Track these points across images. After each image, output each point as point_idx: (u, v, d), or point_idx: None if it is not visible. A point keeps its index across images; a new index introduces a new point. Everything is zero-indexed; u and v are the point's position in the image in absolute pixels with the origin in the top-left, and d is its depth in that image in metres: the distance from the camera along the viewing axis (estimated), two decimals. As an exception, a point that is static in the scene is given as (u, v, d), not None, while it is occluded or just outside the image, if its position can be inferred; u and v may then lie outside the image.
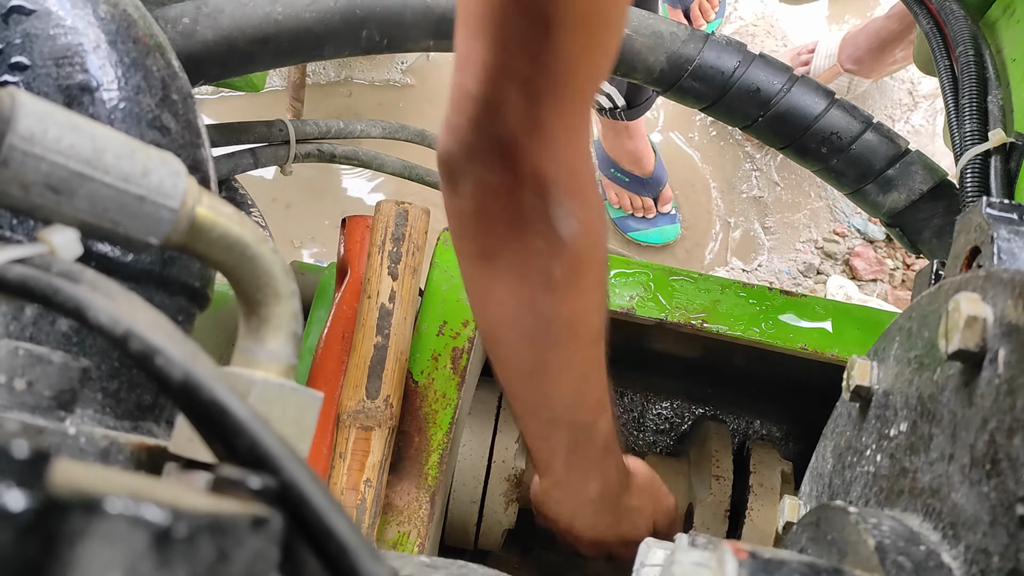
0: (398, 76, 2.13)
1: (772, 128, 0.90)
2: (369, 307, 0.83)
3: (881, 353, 0.47)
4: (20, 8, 0.48)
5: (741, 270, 1.92)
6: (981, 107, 0.76)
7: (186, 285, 0.53)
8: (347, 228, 0.95)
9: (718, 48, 0.88)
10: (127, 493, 0.18)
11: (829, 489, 0.50)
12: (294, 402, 0.34)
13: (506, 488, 0.96)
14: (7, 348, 0.32)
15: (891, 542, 0.34)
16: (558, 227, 0.64)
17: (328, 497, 0.23)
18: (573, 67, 0.59)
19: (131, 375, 0.49)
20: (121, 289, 0.29)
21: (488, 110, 0.61)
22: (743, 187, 1.99)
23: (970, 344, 0.34)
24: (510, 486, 0.96)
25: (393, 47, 0.88)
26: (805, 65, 1.92)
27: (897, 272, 1.86)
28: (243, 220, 0.33)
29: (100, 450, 0.33)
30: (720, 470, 0.98)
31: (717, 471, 0.98)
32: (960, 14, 0.81)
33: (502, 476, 0.96)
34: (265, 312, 0.34)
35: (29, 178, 0.28)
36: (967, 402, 0.35)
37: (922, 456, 0.38)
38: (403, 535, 0.82)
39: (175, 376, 0.25)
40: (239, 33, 0.82)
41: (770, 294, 0.89)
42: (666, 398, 1.18)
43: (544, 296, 0.67)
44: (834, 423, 0.53)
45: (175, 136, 0.52)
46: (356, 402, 0.80)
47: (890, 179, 0.88)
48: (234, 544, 0.20)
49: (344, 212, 1.04)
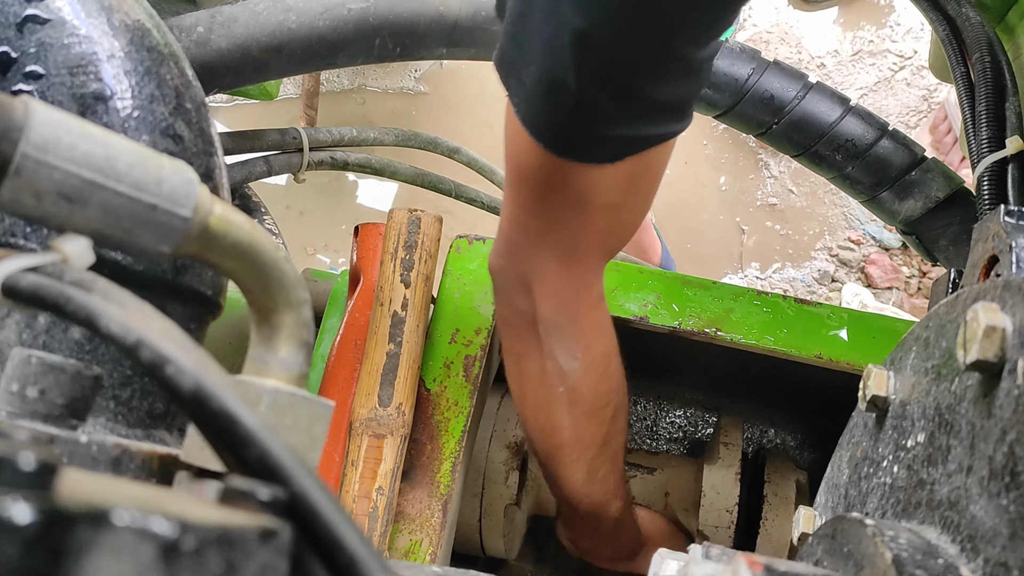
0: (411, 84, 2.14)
1: (786, 135, 0.89)
2: (382, 314, 0.83)
3: (898, 363, 0.46)
4: (35, 17, 0.49)
5: (756, 277, 1.91)
6: (998, 114, 0.75)
7: (198, 293, 0.53)
8: (360, 235, 0.95)
9: (732, 55, 0.88)
10: (135, 505, 0.18)
11: (845, 500, 0.50)
12: (305, 411, 0.34)
13: (506, 456, 0.96)
14: (20, 356, 0.32)
15: (908, 555, 0.34)
16: (560, 362, 0.72)
17: (338, 508, 0.23)
18: (585, 241, 0.67)
19: (143, 383, 0.49)
20: (133, 298, 0.29)
21: (514, 253, 0.70)
22: (758, 194, 1.98)
23: (989, 354, 0.34)
24: (510, 454, 0.96)
25: (406, 55, 0.88)
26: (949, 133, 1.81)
27: (913, 280, 1.85)
28: (255, 228, 0.33)
29: (112, 459, 0.33)
30: (729, 438, 0.98)
31: (725, 439, 0.98)
32: (976, 21, 0.81)
33: (502, 444, 0.97)
34: (277, 320, 0.34)
35: (42, 187, 0.28)
36: (986, 413, 0.35)
37: (940, 468, 0.38)
38: (415, 543, 0.81)
39: (185, 385, 0.25)
40: (253, 42, 0.83)
41: (784, 302, 0.88)
42: (680, 406, 1.17)
43: (554, 405, 0.75)
44: (850, 433, 0.52)
45: (188, 144, 0.52)
46: (368, 410, 0.80)
47: (906, 186, 0.87)
48: (243, 557, 0.20)
49: (357, 219, 1.04)
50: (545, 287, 0.69)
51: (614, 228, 0.68)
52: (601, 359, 0.74)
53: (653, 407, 1.17)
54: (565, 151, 0.59)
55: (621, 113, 0.56)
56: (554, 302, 0.70)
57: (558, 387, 0.74)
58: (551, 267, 0.68)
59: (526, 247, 0.68)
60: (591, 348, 0.73)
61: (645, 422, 1.17)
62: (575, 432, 0.77)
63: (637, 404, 1.17)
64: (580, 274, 0.69)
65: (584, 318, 0.72)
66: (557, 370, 0.73)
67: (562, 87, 0.54)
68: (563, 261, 0.68)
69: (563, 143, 0.59)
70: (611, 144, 0.59)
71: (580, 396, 0.75)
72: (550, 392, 0.75)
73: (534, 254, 0.68)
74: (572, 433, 0.77)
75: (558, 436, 0.77)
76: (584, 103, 0.55)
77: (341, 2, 0.84)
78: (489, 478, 0.96)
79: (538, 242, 0.67)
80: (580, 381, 0.74)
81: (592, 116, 0.56)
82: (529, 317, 0.72)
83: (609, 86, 0.54)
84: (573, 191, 0.63)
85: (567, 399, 0.75)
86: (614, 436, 0.79)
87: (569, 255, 0.68)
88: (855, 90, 2.07)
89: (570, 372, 0.73)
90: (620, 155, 0.60)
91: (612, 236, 0.69)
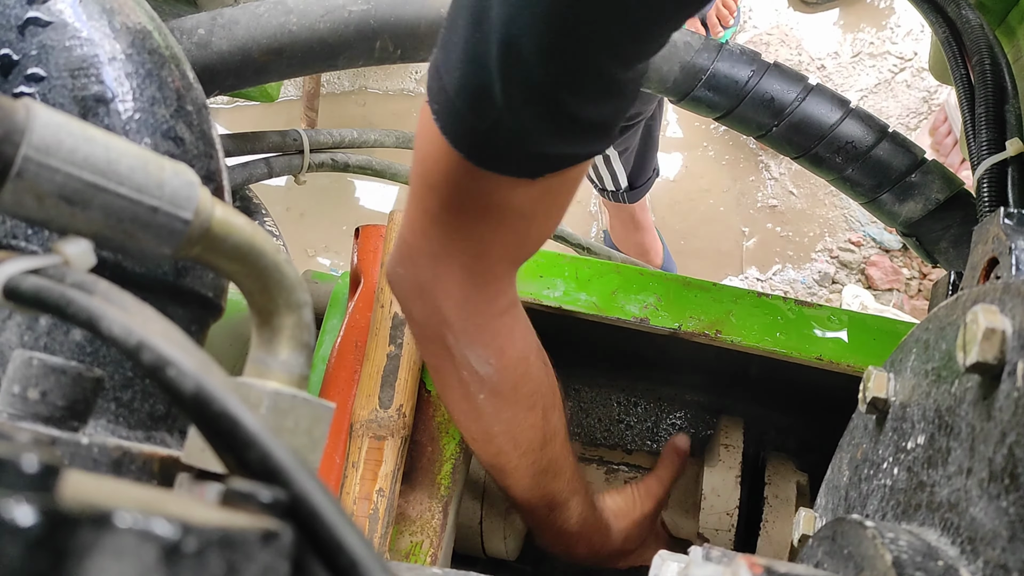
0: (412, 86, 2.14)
1: (787, 137, 0.89)
2: (382, 316, 0.83)
3: (898, 365, 0.47)
4: (36, 20, 0.49)
5: (756, 279, 1.91)
6: (998, 116, 0.76)
7: (199, 295, 0.53)
8: (360, 237, 0.95)
9: (732, 57, 0.88)
10: (137, 507, 0.18)
11: (845, 502, 0.50)
12: (306, 413, 0.34)
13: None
14: (22, 358, 0.32)
15: (908, 557, 0.34)
16: (475, 367, 0.71)
17: (339, 510, 0.23)
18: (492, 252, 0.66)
19: (144, 385, 0.49)
20: (134, 300, 0.29)
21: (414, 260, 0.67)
22: (758, 196, 1.98)
23: (988, 357, 0.34)
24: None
25: (407, 57, 0.88)
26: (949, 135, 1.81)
27: (913, 282, 1.85)
28: (256, 230, 0.34)
29: (113, 460, 0.33)
30: (729, 440, 0.97)
31: (726, 440, 0.97)
32: (976, 23, 0.81)
33: None
34: (277, 322, 0.34)
35: (44, 189, 0.28)
36: (985, 415, 0.35)
37: (940, 470, 0.38)
38: (416, 545, 0.81)
39: (186, 388, 0.25)
40: (253, 44, 0.83)
41: (785, 304, 0.88)
42: (680, 408, 1.17)
43: (480, 413, 0.74)
44: (850, 435, 0.52)
45: (189, 147, 0.52)
46: (369, 411, 0.80)
47: (906, 188, 0.87)
48: (244, 558, 0.20)
49: (358, 221, 1.04)
50: (450, 296, 0.68)
51: (524, 239, 0.67)
52: (518, 362, 0.73)
53: (654, 408, 1.17)
54: (484, 162, 0.58)
55: (545, 129, 0.55)
56: (461, 310, 0.68)
57: (479, 394, 0.73)
58: (455, 275, 0.66)
59: (427, 255, 0.66)
60: (505, 352, 0.72)
61: (646, 424, 1.17)
62: (509, 437, 0.75)
63: (638, 406, 1.18)
64: (487, 283, 0.68)
65: (493, 323, 0.70)
66: (475, 377, 0.72)
67: (487, 97, 0.53)
68: (468, 270, 0.66)
69: (483, 154, 0.58)
70: (533, 160, 0.58)
71: (502, 401, 0.73)
72: (473, 400, 0.73)
73: (436, 262, 0.66)
74: (506, 438, 0.75)
75: (494, 443, 0.76)
76: (508, 116, 0.54)
77: (342, 4, 0.85)
78: (490, 481, 0.96)
79: (441, 251, 0.65)
80: (499, 385, 0.72)
81: (516, 130, 0.55)
82: (433, 327, 0.70)
83: (534, 100, 0.53)
84: (485, 201, 0.61)
85: (492, 406, 0.73)
86: (552, 436, 0.78)
87: (475, 263, 0.66)
88: (855, 92, 2.07)
89: (487, 377, 0.72)
90: (541, 171, 0.59)
91: (521, 247, 0.67)
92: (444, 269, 0.66)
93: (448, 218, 0.63)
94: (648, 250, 1.83)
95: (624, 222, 1.80)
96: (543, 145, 0.56)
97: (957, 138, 1.79)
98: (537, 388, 0.75)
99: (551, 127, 0.55)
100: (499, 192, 0.60)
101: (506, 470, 0.78)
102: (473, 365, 0.71)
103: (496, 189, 0.60)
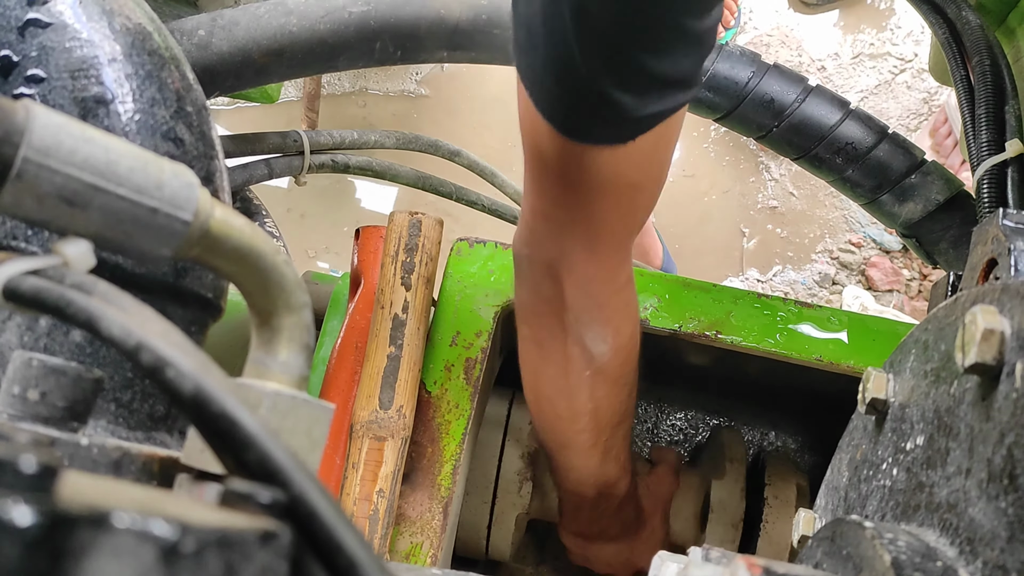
0: (412, 87, 2.14)
1: (786, 138, 0.89)
2: (382, 317, 0.83)
3: (897, 365, 0.47)
4: (36, 21, 0.49)
5: (756, 280, 1.91)
6: (998, 117, 0.76)
7: (199, 296, 0.53)
8: (361, 238, 0.95)
9: (732, 59, 0.88)
10: (135, 507, 0.18)
11: (845, 503, 0.50)
12: (306, 414, 0.34)
13: (520, 466, 0.96)
14: (21, 359, 0.32)
15: (907, 558, 0.34)
16: (589, 346, 0.72)
17: (337, 511, 0.23)
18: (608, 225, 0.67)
19: (144, 386, 0.49)
20: (133, 301, 0.29)
21: (539, 241, 0.69)
22: (758, 197, 1.98)
23: (987, 357, 0.34)
24: (524, 464, 0.96)
25: (407, 58, 0.88)
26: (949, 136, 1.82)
27: (913, 283, 1.85)
28: (256, 231, 0.34)
29: (112, 461, 0.33)
30: (733, 454, 0.98)
31: (731, 454, 0.98)
32: (976, 24, 0.81)
33: (516, 454, 0.97)
34: (277, 323, 0.34)
35: (43, 190, 0.28)
36: (984, 416, 0.35)
37: (939, 470, 0.38)
38: (416, 546, 0.81)
39: (185, 388, 0.25)
40: (254, 45, 0.83)
41: (785, 305, 0.88)
42: (680, 409, 1.17)
43: (576, 391, 0.75)
44: (850, 436, 0.52)
45: (189, 148, 0.52)
46: (369, 412, 0.80)
47: (906, 189, 0.88)
48: (242, 559, 0.20)
49: (358, 222, 1.04)
50: (573, 274, 0.69)
51: (633, 208, 0.67)
52: (629, 340, 0.75)
53: (654, 410, 1.17)
54: (577, 134, 0.59)
55: (628, 90, 0.55)
56: (583, 288, 0.69)
57: (584, 372, 0.73)
58: (578, 254, 0.68)
59: (550, 235, 0.68)
60: (621, 331, 0.73)
61: (646, 425, 1.17)
62: (595, 417, 0.77)
63: (638, 407, 1.18)
64: (607, 258, 0.69)
65: (613, 301, 0.71)
66: (585, 355, 0.73)
67: (570, 67, 0.54)
68: (589, 247, 0.67)
69: (574, 124, 0.59)
70: (622, 124, 0.58)
71: (605, 379, 0.75)
72: (574, 378, 0.74)
73: (560, 242, 0.67)
74: (592, 418, 0.77)
75: (578, 422, 0.77)
76: (591, 81, 0.55)
77: (342, 5, 0.85)
78: (503, 488, 0.96)
79: (562, 230, 0.67)
80: (607, 364, 0.73)
81: (600, 95, 0.55)
82: (555, 303, 0.71)
83: (613, 62, 0.54)
84: (589, 174, 0.62)
85: (590, 383, 0.74)
86: (629, 413, 0.80)
87: (594, 240, 0.67)
88: (855, 93, 2.07)
89: (599, 356, 0.73)
90: (632, 134, 0.59)
91: (632, 216, 0.68)
92: (566, 250, 0.67)
93: (560, 196, 0.65)
94: (648, 251, 1.83)
95: None
96: (628, 107, 0.57)
97: (957, 139, 1.79)
98: (635, 366, 0.77)
99: (633, 87, 0.55)
100: (598, 163, 0.61)
101: (582, 449, 0.79)
102: (587, 343, 0.72)
103: (595, 160, 0.61)
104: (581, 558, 0.97)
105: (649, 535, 0.95)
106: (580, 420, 0.77)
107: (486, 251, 0.91)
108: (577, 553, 0.97)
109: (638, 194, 0.66)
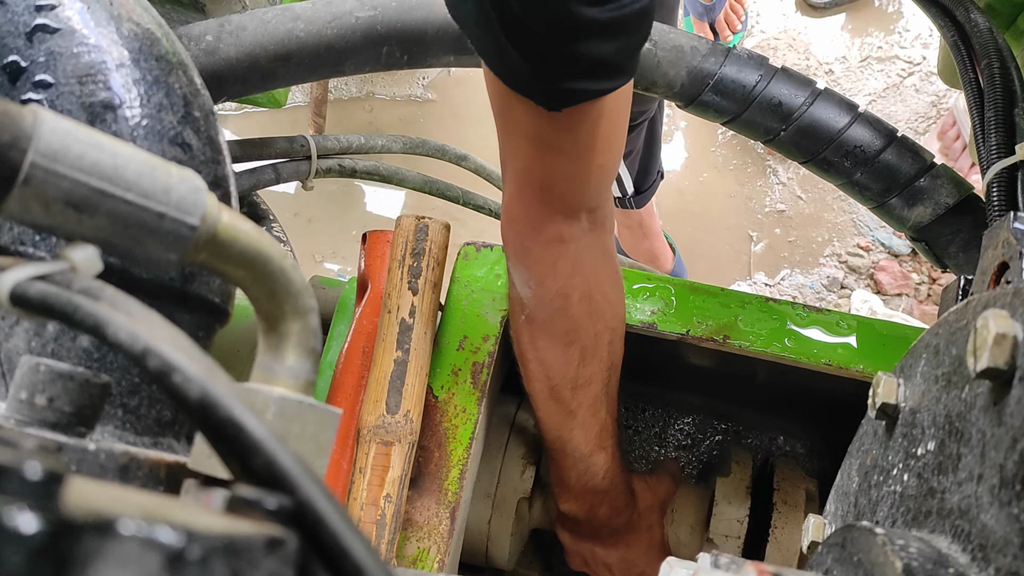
0: (419, 91, 2.14)
1: (794, 142, 0.89)
2: (389, 322, 0.83)
3: (908, 370, 0.46)
4: (44, 27, 0.49)
5: (764, 284, 1.90)
6: (1007, 120, 0.75)
7: (206, 301, 0.53)
8: (368, 243, 0.95)
9: (739, 62, 0.87)
10: (141, 514, 0.18)
11: (855, 508, 0.49)
12: (312, 419, 0.34)
13: (524, 451, 0.96)
14: (29, 364, 0.32)
15: (919, 564, 0.34)
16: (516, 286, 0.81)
17: (344, 517, 0.23)
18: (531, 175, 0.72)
19: (151, 391, 0.49)
20: (140, 306, 0.29)
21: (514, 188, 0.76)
22: (766, 200, 1.98)
23: (999, 362, 0.34)
24: (527, 449, 0.96)
25: (414, 63, 0.88)
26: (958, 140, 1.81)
27: (923, 286, 1.84)
28: (263, 236, 0.33)
29: (120, 466, 0.33)
30: (739, 457, 0.98)
31: (736, 457, 0.98)
32: (985, 27, 0.80)
33: (520, 441, 0.97)
34: (284, 328, 0.34)
35: (51, 196, 0.28)
36: (996, 421, 0.34)
37: (950, 476, 0.38)
38: (423, 551, 0.81)
39: (192, 394, 0.25)
40: (261, 50, 0.83)
41: (793, 309, 0.88)
42: (688, 413, 1.17)
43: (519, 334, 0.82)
44: (860, 441, 0.52)
45: (196, 153, 0.52)
46: (376, 417, 0.80)
47: (915, 193, 0.87)
48: (248, 566, 0.19)
49: (365, 227, 1.04)
50: (504, 212, 0.76)
51: (556, 171, 0.71)
52: (555, 296, 0.78)
53: (661, 414, 1.17)
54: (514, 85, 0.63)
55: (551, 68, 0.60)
56: (511, 226, 0.76)
57: (520, 314, 0.81)
58: (508, 193, 0.75)
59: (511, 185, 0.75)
60: (543, 283, 0.77)
61: (653, 429, 1.17)
62: (540, 365, 0.82)
63: (645, 411, 1.17)
64: (531, 207, 0.74)
65: (537, 250, 0.76)
66: (516, 295, 0.80)
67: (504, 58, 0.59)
68: (516, 189, 0.74)
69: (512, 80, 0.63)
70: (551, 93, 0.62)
71: (537, 328, 0.80)
72: (516, 319, 0.82)
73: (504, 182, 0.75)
74: (537, 366, 0.82)
75: (528, 368, 0.82)
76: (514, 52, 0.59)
77: (349, 10, 0.85)
78: (505, 473, 0.96)
79: (503, 169, 0.74)
80: (535, 312, 0.79)
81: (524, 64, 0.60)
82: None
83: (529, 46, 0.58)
84: (522, 126, 0.68)
85: (528, 331, 0.81)
86: (585, 383, 0.82)
87: (521, 184, 0.73)
88: (863, 96, 2.06)
89: (526, 300, 0.79)
90: (556, 105, 0.63)
91: (557, 179, 0.72)
92: (505, 186, 0.75)
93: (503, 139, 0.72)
94: (657, 256, 1.83)
95: (632, 229, 1.80)
96: (555, 80, 0.61)
97: (966, 142, 1.78)
98: (575, 327, 0.80)
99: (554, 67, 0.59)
100: (532, 120, 0.67)
101: (535, 400, 0.84)
102: (516, 285, 0.80)
103: (530, 117, 0.66)
104: (579, 559, 0.96)
105: (645, 535, 0.94)
106: (528, 367, 0.82)
107: (493, 255, 0.90)
108: (574, 552, 0.96)
109: (569, 163, 0.70)
